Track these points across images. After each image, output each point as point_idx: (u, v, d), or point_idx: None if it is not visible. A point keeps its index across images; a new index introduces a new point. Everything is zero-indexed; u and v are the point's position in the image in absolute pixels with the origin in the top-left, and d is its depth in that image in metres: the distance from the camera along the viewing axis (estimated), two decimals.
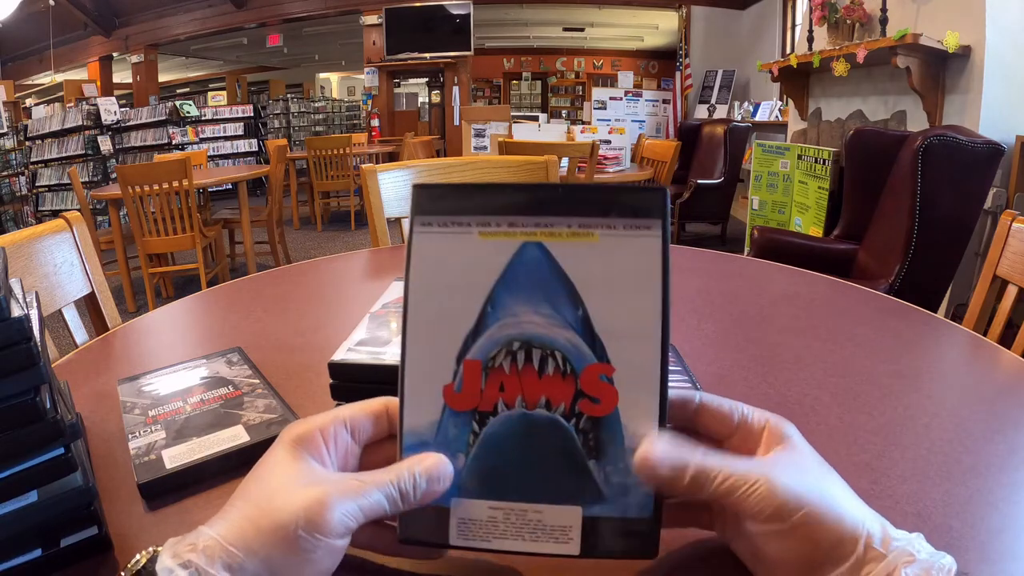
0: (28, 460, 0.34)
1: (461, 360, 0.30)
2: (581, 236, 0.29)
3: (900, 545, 0.29)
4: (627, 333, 0.29)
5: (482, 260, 0.29)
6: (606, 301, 0.29)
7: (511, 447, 0.30)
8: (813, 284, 0.90)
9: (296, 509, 0.27)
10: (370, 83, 7.88)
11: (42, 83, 8.81)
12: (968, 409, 0.54)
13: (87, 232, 0.89)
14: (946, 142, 1.88)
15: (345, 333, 0.45)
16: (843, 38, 3.39)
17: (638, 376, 0.29)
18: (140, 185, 2.98)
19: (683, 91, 6.79)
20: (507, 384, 0.29)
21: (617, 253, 0.29)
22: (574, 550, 0.30)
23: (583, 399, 0.29)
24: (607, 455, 0.29)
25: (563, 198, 0.29)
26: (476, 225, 0.30)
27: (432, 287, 0.30)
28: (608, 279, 0.29)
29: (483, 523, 0.30)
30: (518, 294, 0.29)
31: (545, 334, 0.29)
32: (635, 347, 0.29)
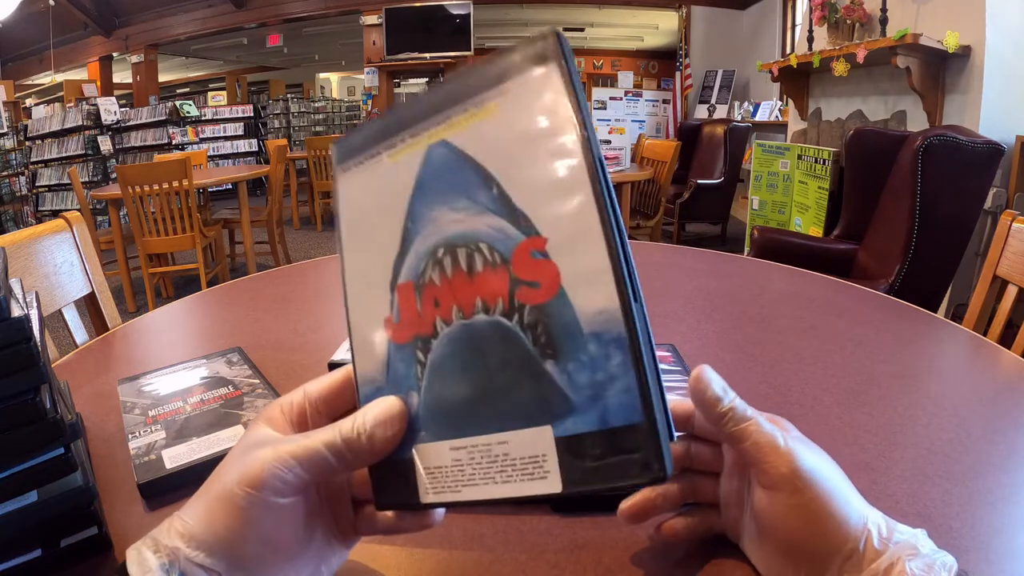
0: (28, 460, 0.34)
1: (395, 287, 0.27)
2: (479, 114, 0.25)
3: (904, 539, 0.29)
4: (551, 192, 0.23)
5: (394, 180, 0.27)
6: (520, 168, 0.24)
7: (458, 369, 0.26)
8: (813, 284, 0.90)
9: (236, 473, 0.27)
10: (370, 83, 7.88)
11: (42, 83, 8.81)
12: (968, 409, 0.54)
13: (87, 232, 0.89)
14: (946, 142, 1.88)
15: (345, 333, 0.44)
16: (843, 38, 3.39)
17: (576, 238, 0.23)
18: (140, 185, 2.98)
19: (683, 91, 6.79)
20: (441, 298, 0.26)
21: (518, 111, 0.24)
22: (554, 486, 0.24)
23: (520, 286, 0.24)
24: (565, 348, 0.23)
25: (455, 88, 0.26)
26: (384, 150, 0.28)
27: (356, 224, 0.29)
28: (517, 143, 0.24)
29: (449, 469, 0.26)
30: (433, 200, 0.26)
31: (465, 229, 0.25)
32: (563, 204, 0.23)
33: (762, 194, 3.48)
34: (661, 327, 0.73)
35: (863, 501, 0.31)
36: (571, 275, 0.23)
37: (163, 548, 0.27)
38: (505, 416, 0.24)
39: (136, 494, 0.42)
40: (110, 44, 8.55)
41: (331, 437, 0.28)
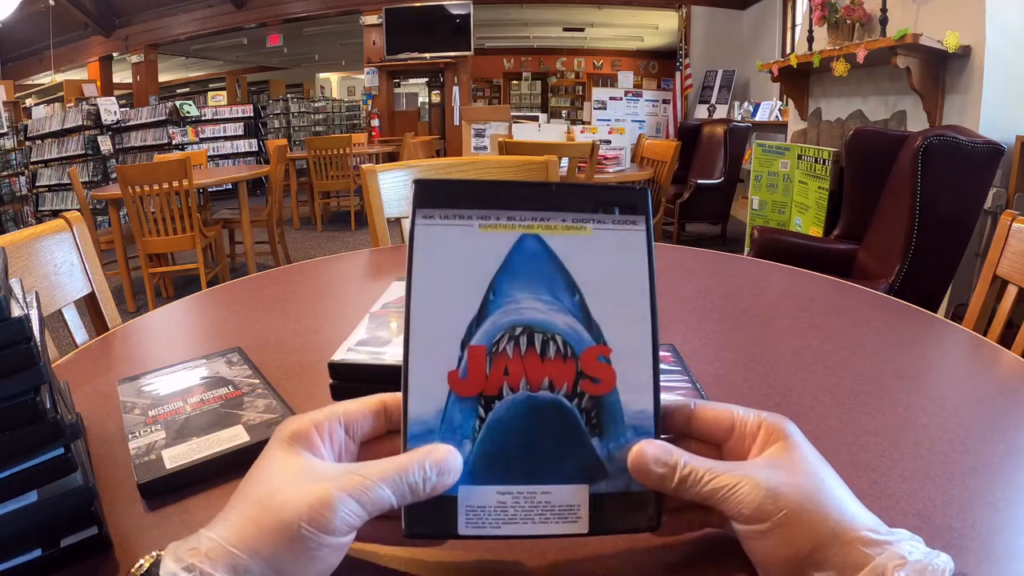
0: (28, 460, 0.34)
1: (465, 346, 0.30)
2: (574, 229, 0.31)
3: (891, 548, 0.28)
4: (620, 316, 0.31)
5: (483, 250, 0.31)
6: (600, 288, 0.31)
7: (517, 430, 0.30)
8: (813, 284, 0.90)
9: (299, 507, 0.27)
10: (370, 83, 7.88)
11: (42, 83, 8.81)
12: (968, 409, 0.54)
13: (87, 232, 0.89)
14: (946, 142, 1.88)
15: (345, 333, 0.45)
16: (843, 38, 3.39)
17: (633, 355, 0.31)
18: (140, 185, 2.98)
19: (683, 91, 6.79)
20: (511, 368, 0.30)
21: (607, 244, 0.31)
22: (583, 528, 0.31)
23: (584, 379, 0.31)
24: (609, 432, 0.31)
25: (558, 195, 0.31)
26: (476, 219, 0.31)
27: (434, 277, 0.31)
28: (601, 268, 0.31)
29: (491, 509, 0.30)
30: (518, 282, 0.31)
31: (546, 319, 0.31)
32: (628, 329, 0.31)
33: (762, 194, 3.48)
34: (661, 327, 0.73)
35: (854, 504, 0.31)
36: (624, 380, 0.31)
37: None
38: (552, 472, 0.31)
39: (136, 494, 0.42)
40: (110, 44, 8.55)
41: (394, 478, 0.28)
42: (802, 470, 0.31)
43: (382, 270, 1.02)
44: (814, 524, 0.29)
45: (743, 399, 0.54)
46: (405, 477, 0.29)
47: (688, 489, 0.31)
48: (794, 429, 0.33)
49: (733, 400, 0.54)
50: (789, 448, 0.32)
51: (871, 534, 0.29)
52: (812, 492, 0.30)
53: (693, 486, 0.31)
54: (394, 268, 1.02)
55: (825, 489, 0.31)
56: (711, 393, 0.52)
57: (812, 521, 0.29)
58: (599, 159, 3.19)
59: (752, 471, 0.31)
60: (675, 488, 0.31)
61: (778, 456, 0.32)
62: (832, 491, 0.31)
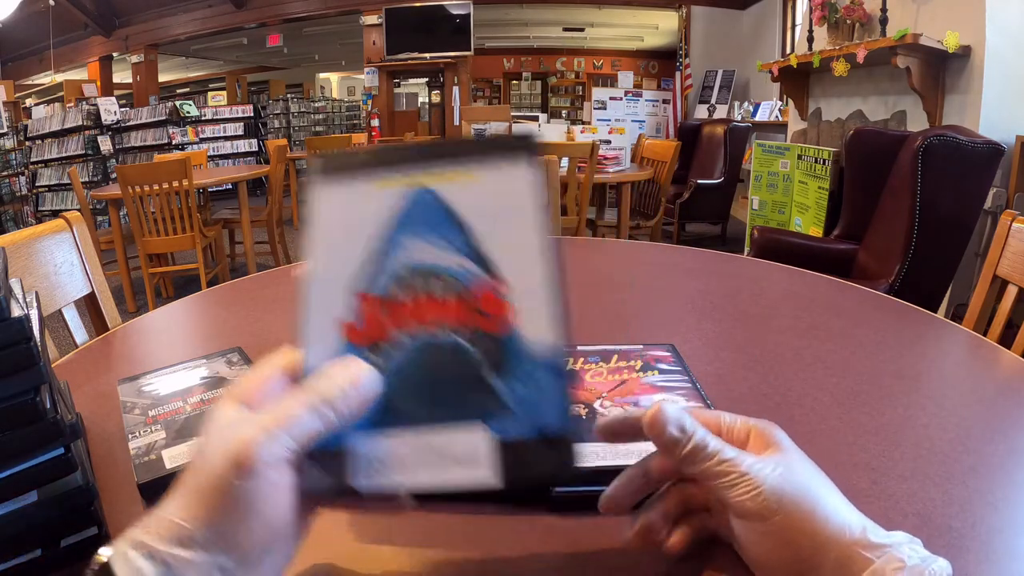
0: (28, 460, 0.34)
1: (358, 296, 0.30)
2: (463, 175, 0.31)
3: (889, 551, 0.28)
4: (515, 252, 0.30)
5: (377, 205, 0.32)
6: (491, 227, 0.31)
7: (414, 375, 0.30)
8: (813, 284, 0.90)
9: (223, 458, 0.25)
10: (370, 83, 7.88)
11: (42, 83, 8.81)
12: (968, 409, 0.54)
13: (87, 232, 0.89)
14: (946, 142, 1.88)
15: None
16: (843, 38, 3.39)
17: (532, 290, 0.30)
18: (140, 185, 2.98)
19: (683, 91, 6.78)
20: (405, 313, 0.30)
21: (495, 185, 0.31)
22: (490, 478, 0.29)
23: (481, 317, 0.30)
24: (511, 370, 0.29)
25: (445, 147, 0.32)
26: (372, 178, 0.32)
27: (333, 233, 0.32)
28: (490, 208, 0.31)
29: (388, 459, 0.29)
30: (411, 231, 0.31)
31: (438, 262, 0.31)
32: (524, 265, 0.30)
33: (762, 194, 3.48)
34: (661, 327, 0.73)
35: (849, 509, 0.31)
36: (525, 315, 0.30)
37: (158, 555, 0.24)
38: (449, 414, 0.29)
39: (136, 494, 0.42)
40: (110, 44, 8.55)
41: (310, 400, 0.27)
42: (798, 472, 0.31)
43: None
44: (813, 527, 0.29)
45: (743, 399, 0.54)
46: (321, 397, 0.27)
47: (696, 463, 0.31)
48: (783, 436, 0.33)
49: (733, 400, 0.54)
50: (781, 452, 0.32)
51: (870, 537, 0.29)
52: (811, 494, 0.30)
53: (702, 461, 0.31)
54: None
55: (822, 493, 0.31)
56: (711, 393, 0.52)
57: (811, 524, 0.29)
58: (599, 159, 3.19)
59: (757, 466, 0.31)
60: (684, 456, 0.31)
61: (775, 458, 0.32)
62: (828, 495, 0.31)
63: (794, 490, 0.30)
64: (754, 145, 3.69)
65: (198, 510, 0.25)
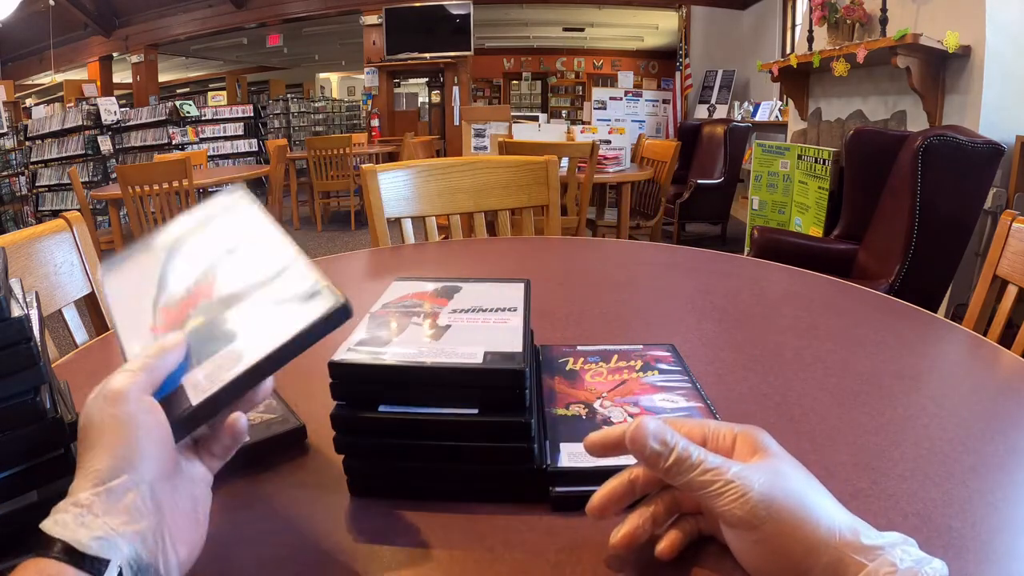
0: (28, 460, 0.34)
1: (161, 309, 0.40)
2: (197, 232, 0.45)
3: (882, 555, 0.28)
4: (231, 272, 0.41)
5: (150, 264, 0.44)
6: (222, 255, 0.42)
7: (203, 333, 0.39)
8: (813, 284, 0.90)
9: (99, 402, 0.32)
10: (370, 83, 7.88)
11: (42, 83, 8.81)
12: (968, 409, 0.54)
13: (87, 232, 0.89)
14: (946, 142, 1.88)
15: (345, 333, 0.44)
16: (843, 38, 3.39)
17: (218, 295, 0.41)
18: (140, 185, 2.98)
19: (683, 91, 6.79)
20: (183, 307, 0.40)
21: (217, 237, 0.43)
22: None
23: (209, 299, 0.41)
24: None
25: (188, 222, 0.46)
26: (142, 253, 0.45)
27: (128, 289, 0.44)
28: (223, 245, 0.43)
29: (204, 380, 0.35)
30: (171, 274, 0.43)
31: (189, 268, 0.42)
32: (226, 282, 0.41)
33: (762, 194, 3.48)
34: (661, 327, 0.73)
35: (840, 510, 0.31)
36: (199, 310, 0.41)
37: (81, 502, 0.28)
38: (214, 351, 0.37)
39: None
40: (110, 44, 8.55)
41: (146, 353, 0.35)
42: (786, 477, 0.31)
43: (382, 270, 1.02)
44: (804, 532, 0.29)
45: (743, 399, 0.54)
46: (154, 350, 0.35)
47: (681, 474, 0.31)
48: (770, 440, 0.33)
49: (733, 400, 0.54)
50: (769, 458, 0.32)
51: (862, 540, 0.29)
52: (800, 499, 0.30)
53: (687, 472, 0.31)
54: (394, 268, 1.02)
55: (811, 496, 0.31)
56: (711, 393, 0.52)
57: (802, 529, 0.29)
58: (599, 159, 3.19)
59: (746, 473, 0.31)
60: (667, 469, 0.31)
61: (762, 464, 0.32)
62: (817, 498, 0.31)
63: (783, 495, 0.30)
64: (754, 145, 3.69)
65: (98, 451, 0.30)
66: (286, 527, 0.39)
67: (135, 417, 0.31)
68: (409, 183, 1.25)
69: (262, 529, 0.39)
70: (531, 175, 1.32)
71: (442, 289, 0.52)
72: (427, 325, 0.45)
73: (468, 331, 0.44)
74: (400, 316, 0.47)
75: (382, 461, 0.41)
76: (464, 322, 0.46)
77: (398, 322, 0.46)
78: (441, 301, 0.50)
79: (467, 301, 0.50)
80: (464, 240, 1.29)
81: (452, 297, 0.51)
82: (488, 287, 0.53)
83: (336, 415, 0.40)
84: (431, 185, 1.27)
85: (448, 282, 0.54)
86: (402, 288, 0.53)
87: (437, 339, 0.43)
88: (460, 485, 0.42)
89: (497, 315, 0.47)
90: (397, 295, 0.52)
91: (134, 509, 0.29)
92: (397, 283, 0.55)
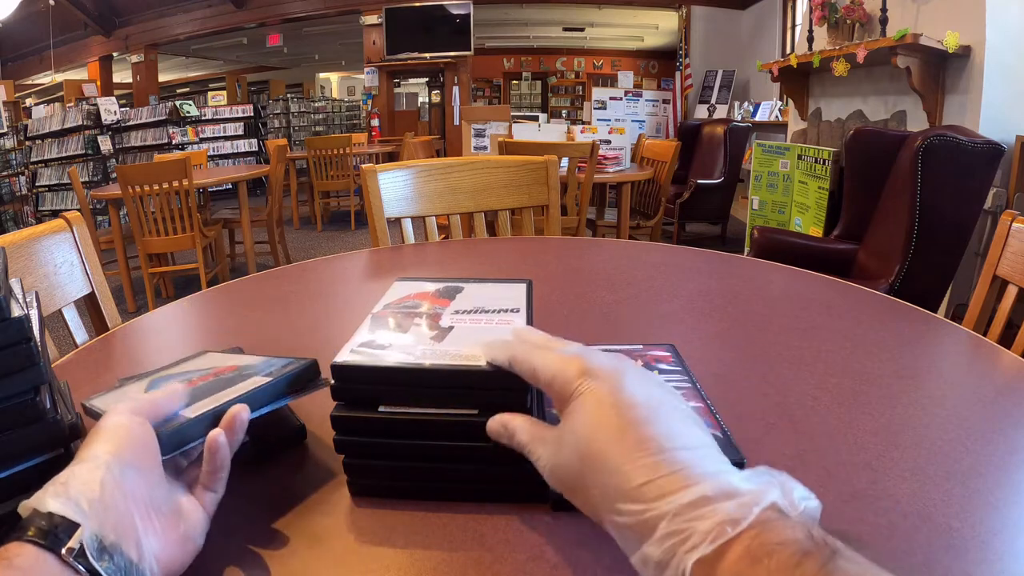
0: (28, 460, 0.34)
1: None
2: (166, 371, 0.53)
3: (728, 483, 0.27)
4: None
5: (137, 387, 0.49)
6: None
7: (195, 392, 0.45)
8: (813, 284, 0.90)
9: (100, 423, 0.35)
10: (370, 83, 7.88)
11: (42, 83, 8.81)
12: (968, 409, 0.54)
13: (87, 232, 0.89)
14: (946, 142, 1.88)
15: (345, 333, 0.44)
16: (843, 38, 3.39)
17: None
18: (140, 185, 2.98)
19: (683, 91, 6.79)
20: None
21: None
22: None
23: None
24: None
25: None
26: (133, 382, 0.51)
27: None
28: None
29: (194, 415, 0.39)
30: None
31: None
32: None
33: (762, 194, 3.48)
34: (661, 327, 0.73)
35: (700, 432, 0.30)
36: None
37: (57, 488, 0.29)
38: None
39: None
40: (110, 44, 8.55)
41: (149, 393, 0.41)
42: (574, 437, 0.32)
43: (382, 270, 1.02)
44: (590, 493, 0.31)
45: (743, 399, 0.54)
46: (157, 393, 0.40)
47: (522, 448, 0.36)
48: (591, 383, 0.33)
49: (733, 400, 0.54)
50: (566, 419, 0.33)
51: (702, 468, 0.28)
52: (587, 459, 0.31)
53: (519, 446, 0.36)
54: (394, 268, 1.02)
55: (660, 407, 0.31)
56: (711, 393, 0.52)
57: (589, 491, 0.31)
58: (599, 159, 3.19)
59: (541, 451, 0.35)
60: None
61: (567, 423, 0.33)
62: (668, 410, 0.31)
63: (568, 463, 0.32)
64: (754, 145, 3.69)
65: (86, 443, 0.33)
66: (286, 527, 0.39)
67: (124, 423, 0.35)
68: (409, 183, 1.25)
69: (261, 529, 0.39)
70: (531, 175, 1.32)
71: (444, 290, 0.52)
72: (429, 326, 0.45)
73: (470, 332, 0.44)
74: (402, 317, 0.47)
75: (382, 461, 0.41)
76: (467, 323, 0.46)
77: (400, 323, 0.46)
78: (443, 302, 0.50)
79: (469, 302, 0.50)
80: (464, 240, 1.29)
81: (454, 298, 0.51)
82: (490, 288, 0.53)
83: (336, 415, 0.40)
84: (431, 185, 1.27)
85: (450, 282, 0.54)
86: (404, 288, 0.53)
87: (439, 341, 0.43)
88: (460, 485, 0.42)
89: (500, 316, 0.47)
90: (399, 295, 0.52)
91: (101, 483, 0.30)
92: (399, 283, 0.55)
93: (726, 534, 0.24)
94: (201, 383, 0.44)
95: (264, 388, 0.42)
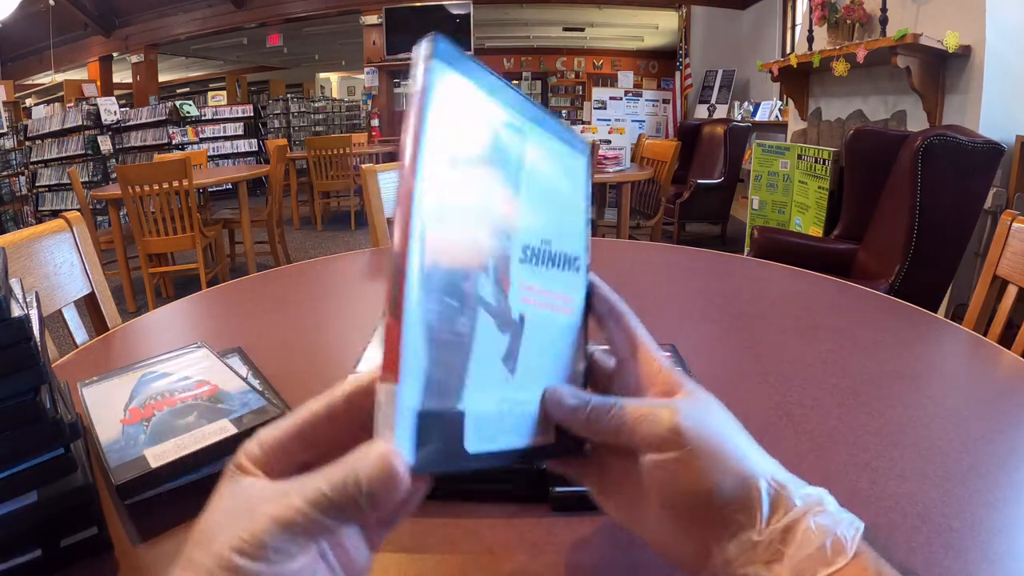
0: (28, 460, 0.34)
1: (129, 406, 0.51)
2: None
3: (811, 495, 0.28)
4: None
5: (122, 384, 0.55)
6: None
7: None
8: (813, 284, 0.90)
9: (214, 556, 0.22)
10: (370, 83, 7.88)
11: (42, 83, 8.81)
12: (968, 409, 0.54)
13: (87, 232, 0.89)
14: (946, 142, 1.88)
15: (345, 333, 0.45)
16: (843, 38, 3.39)
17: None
18: (140, 185, 2.98)
19: (683, 91, 6.78)
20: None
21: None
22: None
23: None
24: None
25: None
26: (118, 375, 0.56)
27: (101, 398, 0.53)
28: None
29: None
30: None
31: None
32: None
33: (762, 194, 3.48)
34: (661, 327, 0.73)
35: (763, 455, 0.30)
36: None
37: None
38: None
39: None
40: (110, 44, 8.55)
41: (323, 499, 0.22)
42: (715, 413, 0.31)
43: (382, 270, 1.02)
44: (729, 462, 0.28)
45: (743, 399, 0.54)
46: (334, 497, 0.22)
47: (599, 420, 0.30)
48: (694, 385, 0.33)
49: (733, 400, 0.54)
50: (695, 395, 0.32)
51: (784, 483, 0.28)
52: (727, 433, 0.30)
53: (603, 418, 0.30)
54: None
55: (740, 436, 0.30)
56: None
57: (728, 460, 0.28)
58: (599, 159, 3.19)
59: (662, 404, 0.30)
60: (586, 420, 0.30)
61: (689, 398, 0.32)
62: (744, 440, 0.30)
63: (710, 424, 0.30)
64: (754, 145, 3.69)
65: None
66: None
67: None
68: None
69: None
70: None
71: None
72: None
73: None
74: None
75: None
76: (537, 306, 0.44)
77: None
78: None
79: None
80: None
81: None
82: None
83: None
84: None
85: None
86: None
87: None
88: (460, 486, 0.42)
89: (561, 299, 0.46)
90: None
91: None
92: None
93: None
94: (179, 404, 0.46)
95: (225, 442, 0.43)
